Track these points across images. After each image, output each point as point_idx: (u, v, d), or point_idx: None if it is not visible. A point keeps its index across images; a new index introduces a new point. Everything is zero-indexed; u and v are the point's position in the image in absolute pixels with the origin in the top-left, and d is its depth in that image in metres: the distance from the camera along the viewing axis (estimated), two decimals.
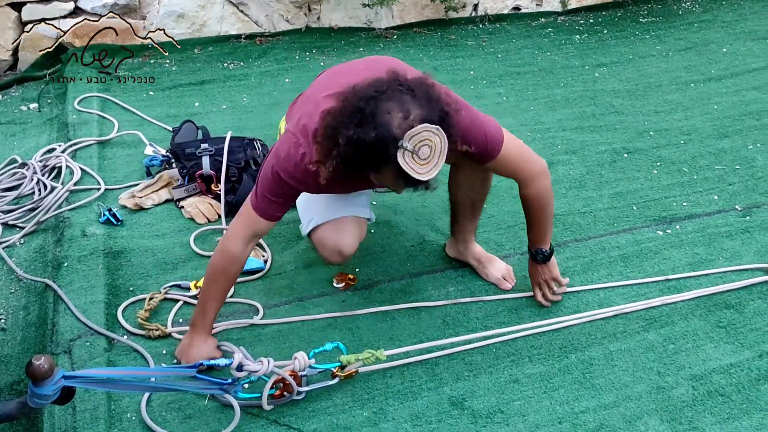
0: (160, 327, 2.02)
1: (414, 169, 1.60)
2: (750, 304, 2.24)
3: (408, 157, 1.58)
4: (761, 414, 1.87)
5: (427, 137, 1.58)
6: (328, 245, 2.10)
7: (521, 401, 1.89)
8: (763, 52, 4.01)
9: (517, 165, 1.99)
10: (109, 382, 1.61)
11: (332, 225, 2.10)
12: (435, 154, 1.61)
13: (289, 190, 1.85)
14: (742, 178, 2.89)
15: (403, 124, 1.58)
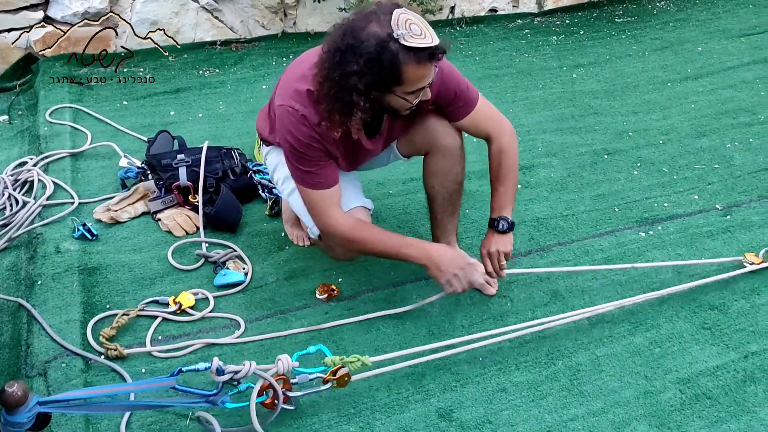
0: (118, 347, 1.96)
1: (422, 42, 1.65)
2: (734, 304, 2.24)
3: (409, 37, 1.64)
4: (749, 416, 1.86)
5: (406, 17, 1.66)
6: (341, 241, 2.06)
7: (509, 411, 1.87)
8: (738, 51, 4.04)
9: (492, 120, 2.08)
10: (86, 404, 1.56)
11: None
12: (423, 27, 1.68)
13: (317, 152, 1.88)
14: (721, 177, 2.91)
15: (382, 24, 1.66)
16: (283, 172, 2.13)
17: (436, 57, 1.72)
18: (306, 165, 1.90)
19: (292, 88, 1.87)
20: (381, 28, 1.66)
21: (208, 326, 2.11)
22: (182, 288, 2.22)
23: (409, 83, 1.74)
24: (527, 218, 2.62)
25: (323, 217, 1.96)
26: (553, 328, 2.13)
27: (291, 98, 1.86)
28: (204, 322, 2.12)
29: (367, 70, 1.68)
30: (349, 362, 1.80)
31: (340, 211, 1.96)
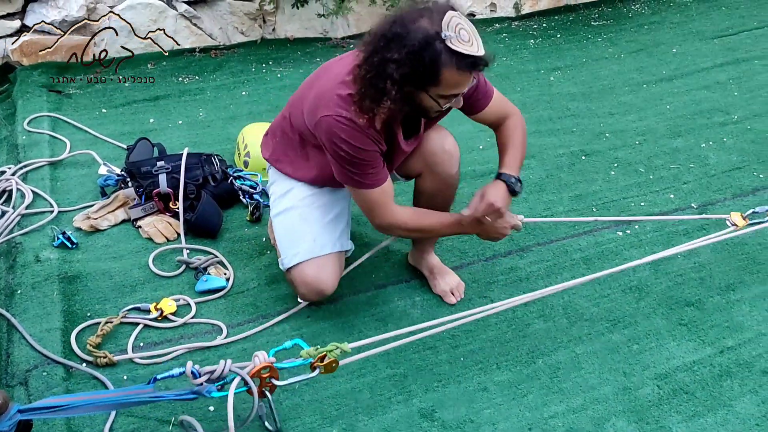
0: (107, 354, 1.95)
1: (468, 49, 1.64)
2: (709, 300, 2.28)
3: (456, 41, 1.64)
4: (725, 410, 1.90)
5: (458, 21, 1.66)
6: (310, 284, 2.06)
7: (491, 409, 1.89)
8: (711, 52, 4.12)
9: (505, 107, 2.13)
10: (67, 408, 1.55)
11: (317, 262, 2.06)
12: (472, 35, 1.68)
13: (373, 153, 1.88)
14: (696, 177, 2.96)
15: (433, 21, 1.66)
16: (279, 189, 2.16)
17: (478, 68, 1.72)
18: (365, 168, 1.89)
19: (333, 94, 1.85)
20: (431, 25, 1.66)
21: (190, 332, 2.11)
22: (164, 295, 2.22)
23: (445, 86, 1.73)
24: None
25: (385, 214, 1.97)
26: (533, 326, 2.16)
27: (336, 106, 1.83)
28: (186, 328, 2.12)
29: (407, 61, 1.68)
30: (328, 351, 1.75)
31: (396, 205, 1.99)
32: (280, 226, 2.14)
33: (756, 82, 3.77)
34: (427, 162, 2.09)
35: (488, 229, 2.03)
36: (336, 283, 2.10)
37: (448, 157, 2.09)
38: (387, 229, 2.04)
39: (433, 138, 2.08)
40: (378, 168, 1.92)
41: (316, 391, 1.92)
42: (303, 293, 2.11)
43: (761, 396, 1.94)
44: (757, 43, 4.21)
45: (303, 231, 2.07)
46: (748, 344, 2.11)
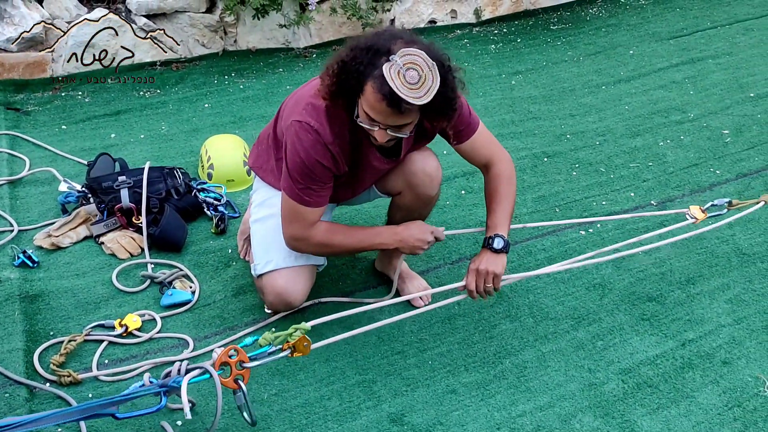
0: (71, 373, 1.93)
1: (395, 83, 1.61)
2: (670, 295, 2.33)
3: (394, 70, 1.62)
4: (688, 401, 1.94)
5: (419, 63, 1.62)
6: (279, 293, 2.05)
7: (460, 411, 1.90)
8: (667, 53, 4.21)
9: (491, 147, 2.07)
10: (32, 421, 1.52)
11: (289, 273, 2.05)
12: (422, 86, 1.62)
13: (325, 172, 1.88)
14: (655, 174, 3.02)
15: (402, 45, 1.66)
16: (260, 197, 2.16)
17: (394, 104, 1.65)
18: (308, 182, 1.88)
19: (306, 101, 1.86)
20: (394, 45, 1.66)
21: (156, 347, 2.09)
22: (128, 310, 2.20)
23: (365, 101, 1.71)
24: (471, 222, 2.68)
25: (299, 230, 1.95)
26: (499, 327, 2.18)
27: (308, 114, 1.84)
28: (152, 343, 2.10)
29: (351, 52, 1.71)
30: (288, 335, 1.73)
31: (316, 226, 1.95)
32: (257, 233, 2.13)
33: (710, 80, 3.86)
34: (408, 182, 2.07)
35: (408, 240, 2.00)
36: (305, 296, 2.10)
37: (429, 180, 2.07)
38: (296, 241, 1.98)
39: (416, 160, 2.06)
40: (323, 190, 1.91)
41: (285, 400, 1.92)
42: (271, 302, 2.10)
43: (722, 386, 1.99)
44: (711, 43, 4.31)
45: (279, 240, 2.06)
46: (709, 336, 2.16)
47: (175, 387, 1.66)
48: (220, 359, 1.66)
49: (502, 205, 2.03)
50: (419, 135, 1.98)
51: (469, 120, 2.02)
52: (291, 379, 1.98)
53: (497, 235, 1.98)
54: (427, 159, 2.08)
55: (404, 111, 1.67)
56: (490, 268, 1.95)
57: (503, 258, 1.97)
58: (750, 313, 2.25)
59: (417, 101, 1.63)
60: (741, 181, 2.96)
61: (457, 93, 1.77)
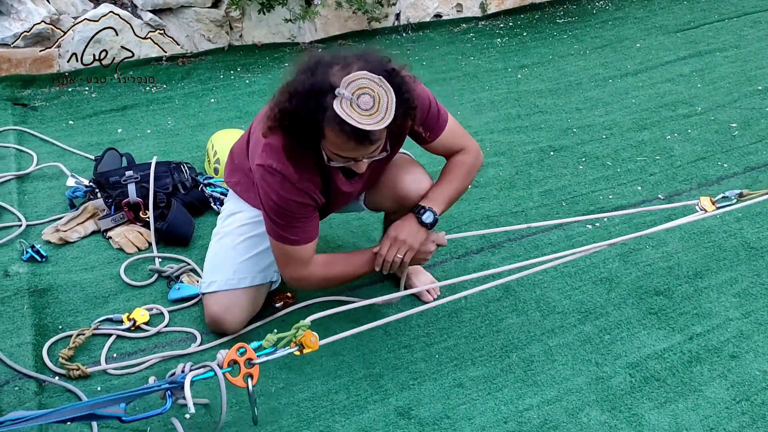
0: (80, 366, 1.94)
1: (353, 117, 1.51)
2: (678, 289, 2.32)
3: (346, 104, 1.52)
4: (696, 395, 1.94)
5: (366, 85, 1.52)
6: (214, 320, 2.04)
7: (467, 405, 1.91)
8: (674, 45, 4.19)
9: (463, 140, 2.02)
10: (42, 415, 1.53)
11: (228, 297, 2.02)
12: (380, 106, 1.53)
13: (305, 207, 1.82)
14: (662, 168, 3.01)
15: (341, 73, 1.55)
16: (228, 209, 2.16)
17: (361, 140, 1.57)
18: (292, 222, 1.82)
19: (263, 142, 1.78)
20: (334, 76, 1.56)
21: (164, 341, 2.10)
22: (136, 305, 2.21)
23: (331, 144, 1.64)
24: (477, 216, 2.68)
25: (296, 271, 1.91)
26: (506, 322, 2.18)
27: (267, 155, 1.76)
28: (160, 337, 2.11)
29: (294, 100, 1.60)
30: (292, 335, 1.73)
31: (312, 263, 1.90)
32: (211, 248, 2.14)
33: (718, 73, 3.84)
34: (401, 204, 2.02)
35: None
36: (241, 324, 2.06)
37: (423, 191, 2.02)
38: (297, 282, 1.96)
39: (407, 181, 2.00)
40: (307, 224, 1.85)
41: (293, 394, 1.93)
42: (207, 323, 2.09)
43: (730, 380, 1.98)
44: (718, 36, 4.29)
45: (226, 260, 2.04)
46: (716, 330, 2.16)
47: (182, 384, 1.66)
48: (229, 357, 1.67)
49: (451, 184, 1.98)
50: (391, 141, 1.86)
51: (438, 117, 1.94)
52: (298, 373, 1.99)
53: (430, 209, 1.91)
54: (420, 181, 2.01)
55: (370, 141, 1.60)
56: (409, 240, 1.89)
57: (424, 234, 1.91)
58: (758, 307, 2.25)
59: (382, 124, 1.54)
60: (749, 174, 2.95)
61: (410, 90, 1.65)
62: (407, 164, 2.06)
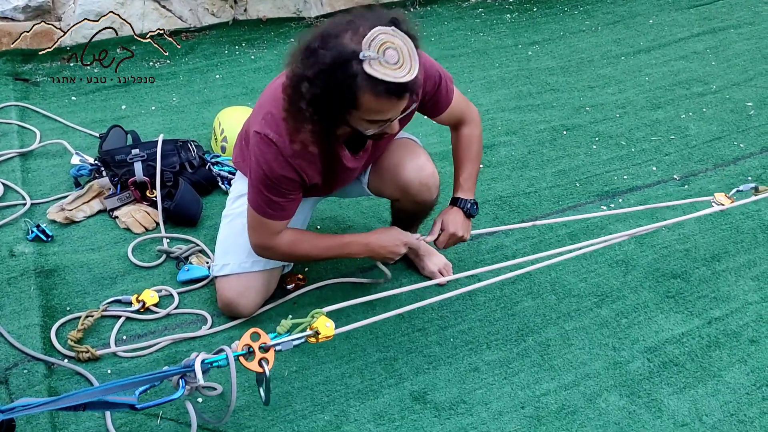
0: (90, 349, 1.91)
1: (389, 74, 1.48)
2: (695, 272, 2.29)
3: (376, 64, 1.48)
4: (715, 380, 1.91)
5: (386, 39, 1.48)
6: (228, 303, 2.02)
7: (483, 389, 1.88)
8: (687, 22, 4.11)
9: (467, 106, 2.03)
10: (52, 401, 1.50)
11: (242, 280, 2.00)
12: (405, 57, 1.50)
13: (291, 184, 1.78)
14: (677, 148, 2.96)
15: (356, 38, 1.50)
16: (237, 190, 2.11)
17: (401, 95, 1.54)
18: (272, 194, 1.79)
19: (266, 110, 1.73)
20: (351, 42, 1.49)
21: (174, 323, 2.06)
22: (145, 286, 2.17)
23: (367, 111, 1.58)
24: (490, 197, 2.63)
25: (263, 239, 1.88)
26: (521, 304, 2.15)
27: (266, 123, 1.72)
28: (169, 319, 2.07)
29: (318, 81, 1.52)
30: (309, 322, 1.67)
31: (281, 236, 1.88)
32: (222, 230, 2.10)
33: (732, 51, 3.77)
34: (404, 191, 2.00)
35: (379, 251, 1.94)
36: (256, 307, 2.04)
37: (426, 189, 1.99)
38: (262, 249, 1.92)
39: (409, 168, 1.97)
40: (288, 202, 1.82)
41: (306, 378, 1.90)
42: (220, 307, 2.06)
43: (750, 365, 1.95)
44: (732, 12, 4.21)
45: (239, 242, 1.99)
46: (735, 314, 2.12)
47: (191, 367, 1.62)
48: (243, 342, 1.63)
49: (473, 165, 2.04)
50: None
51: (447, 89, 1.93)
52: (311, 356, 1.95)
53: (472, 201, 2.02)
54: (422, 168, 1.98)
55: (412, 91, 1.57)
56: (462, 234, 2.01)
57: (470, 223, 2.04)
58: None
59: (413, 72, 1.51)
60: (766, 155, 2.90)
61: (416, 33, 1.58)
62: (411, 149, 2.02)
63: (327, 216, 2.49)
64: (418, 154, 2.00)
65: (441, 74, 1.89)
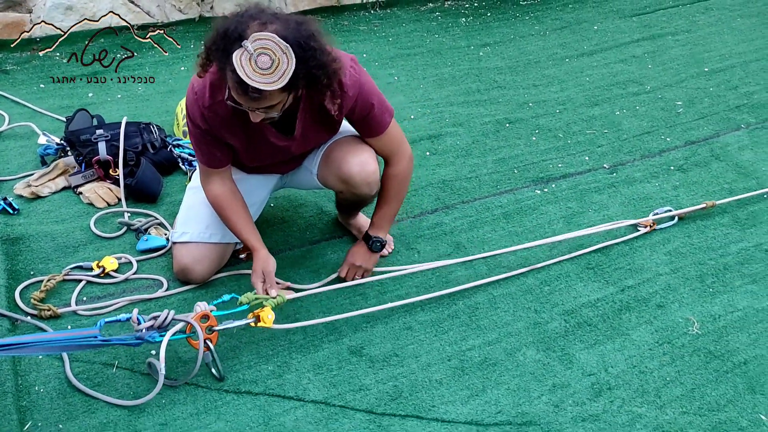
0: (51, 308, 2.05)
1: (245, 71, 1.61)
2: (615, 248, 2.51)
3: (245, 57, 1.61)
4: (623, 338, 2.12)
5: (270, 47, 1.61)
6: (183, 269, 2.17)
7: (414, 345, 2.06)
8: (629, 29, 4.38)
9: (399, 144, 2.16)
10: (16, 347, 1.65)
11: (198, 249, 2.16)
12: (276, 70, 1.62)
13: (204, 132, 1.95)
14: (609, 141, 3.19)
15: (257, 28, 1.64)
16: None
17: (245, 92, 1.67)
18: (197, 138, 1.99)
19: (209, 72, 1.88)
20: (248, 29, 1.65)
21: (132, 287, 2.22)
22: (106, 254, 2.32)
23: (229, 82, 1.71)
24: (434, 180, 2.83)
25: (201, 180, 2.11)
26: (455, 273, 2.34)
27: (197, 78, 1.90)
28: (128, 284, 2.23)
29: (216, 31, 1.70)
30: (265, 299, 1.92)
31: (211, 184, 2.07)
32: (186, 200, 2.27)
33: (668, 55, 4.04)
34: (346, 184, 2.16)
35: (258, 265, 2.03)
36: (208, 275, 2.21)
37: (366, 185, 2.16)
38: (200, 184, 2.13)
39: (352, 164, 2.11)
40: (208, 149, 2.00)
41: (253, 334, 2.06)
42: (175, 272, 2.21)
43: (655, 326, 2.17)
44: (671, 20, 4.49)
45: (200, 214, 2.18)
46: (647, 283, 2.34)
47: (150, 341, 1.80)
48: (198, 316, 1.83)
49: (391, 205, 2.23)
50: (324, 119, 2.00)
51: (381, 118, 2.07)
52: None
53: (377, 238, 2.24)
54: (364, 164, 2.11)
55: (258, 97, 1.68)
56: (365, 265, 2.26)
57: (377, 257, 2.28)
58: (686, 264, 2.44)
59: (268, 87, 1.62)
60: (689, 147, 3.15)
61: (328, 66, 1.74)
62: (357, 146, 2.16)
63: (281, 194, 2.66)
64: (362, 151, 2.14)
65: (376, 104, 2.02)
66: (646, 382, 1.97)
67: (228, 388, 1.89)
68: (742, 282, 2.36)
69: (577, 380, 1.97)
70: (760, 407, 1.90)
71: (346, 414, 1.84)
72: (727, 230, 2.61)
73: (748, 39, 4.30)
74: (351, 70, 1.94)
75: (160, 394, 1.82)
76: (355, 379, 1.94)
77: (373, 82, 2.04)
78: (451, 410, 1.86)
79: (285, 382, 1.92)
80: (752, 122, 3.36)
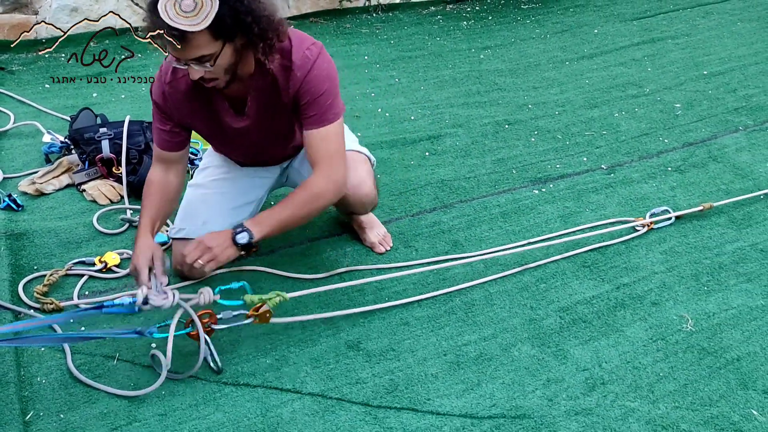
0: (54, 301, 2.09)
1: (168, 14, 1.60)
2: (611, 246, 2.53)
3: (170, 4, 1.61)
4: (617, 334, 2.14)
5: None
6: (180, 263, 2.15)
7: (411, 340, 2.09)
8: (629, 32, 4.41)
9: (333, 154, 1.94)
10: (18, 338, 1.69)
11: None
12: (199, 13, 1.61)
13: (156, 108, 2.00)
14: (608, 142, 3.22)
15: None
16: (205, 161, 2.34)
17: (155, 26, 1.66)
18: (154, 118, 2.03)
19: None
20: None
21: (133, 282, 2.23)
22: (108, 250, 2.36)
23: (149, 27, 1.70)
24: (433, 180, 2.86)
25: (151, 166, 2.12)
26: (452, 271, 2.37)
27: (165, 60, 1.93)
28: (130, 279, 2.26)
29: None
30: (268, 299, 1.95)
31: (155, 167, 2.08)
32: (186, 197, 2.28)
33: (668, 59, 4.07)
34: (341, 199, 2.10)
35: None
36: (208, 271, 2.09)
37: (360, 204, 2.18)
38: None
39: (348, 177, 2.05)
40: (161, 129, 2.01)
41: (252, 329, 2.09)
42: (174, 267, 2.23)
43: (649, 323, 2.19)
44: (672, 24, 4.52)
45: (198, 211, 2.20)
46: (642, 281, 2.37)
47: (146, 336, 1.83)
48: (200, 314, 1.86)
49: (285, 210, 1.93)
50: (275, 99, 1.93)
51: (323, 111, 1.91)
52: None
53: (248, 230, 1.87)
54: (360, 185, 2.11)
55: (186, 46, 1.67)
56: (216, 250, 1.85)
57: (233, 251, 1.88)
58: (682, 263, 2.46)
59: (190, 27, 1.61)
60: (687, 149, 3.17)
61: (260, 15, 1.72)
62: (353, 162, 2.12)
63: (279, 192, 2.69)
64: (358, 169, 2.14)
65: (326, 93, 1.90)
66: (640, 377, 1.99)
67: (227, 380, 1.92)
68: (736, 281, 2.38)
69: (571, 375, 1.99)
70: (752, 402, 1.92)
71: (343, 406, 1.87)
72: (724, 230, 2.63)
73: (747, 43, 4.33)
74: (307, 51, 1.88)
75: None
76: (352, 373, 1.97)
77: (335, 74, 1.93)
78: (446, 403, 1.89)
79: (283, 375, 1.95)
80: (750, 124, 3.39)
